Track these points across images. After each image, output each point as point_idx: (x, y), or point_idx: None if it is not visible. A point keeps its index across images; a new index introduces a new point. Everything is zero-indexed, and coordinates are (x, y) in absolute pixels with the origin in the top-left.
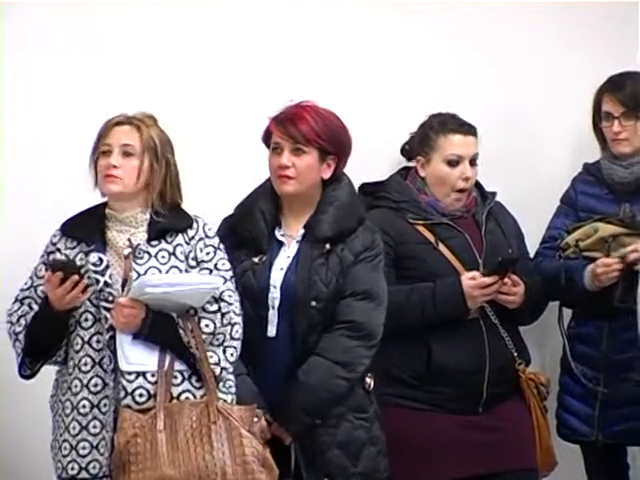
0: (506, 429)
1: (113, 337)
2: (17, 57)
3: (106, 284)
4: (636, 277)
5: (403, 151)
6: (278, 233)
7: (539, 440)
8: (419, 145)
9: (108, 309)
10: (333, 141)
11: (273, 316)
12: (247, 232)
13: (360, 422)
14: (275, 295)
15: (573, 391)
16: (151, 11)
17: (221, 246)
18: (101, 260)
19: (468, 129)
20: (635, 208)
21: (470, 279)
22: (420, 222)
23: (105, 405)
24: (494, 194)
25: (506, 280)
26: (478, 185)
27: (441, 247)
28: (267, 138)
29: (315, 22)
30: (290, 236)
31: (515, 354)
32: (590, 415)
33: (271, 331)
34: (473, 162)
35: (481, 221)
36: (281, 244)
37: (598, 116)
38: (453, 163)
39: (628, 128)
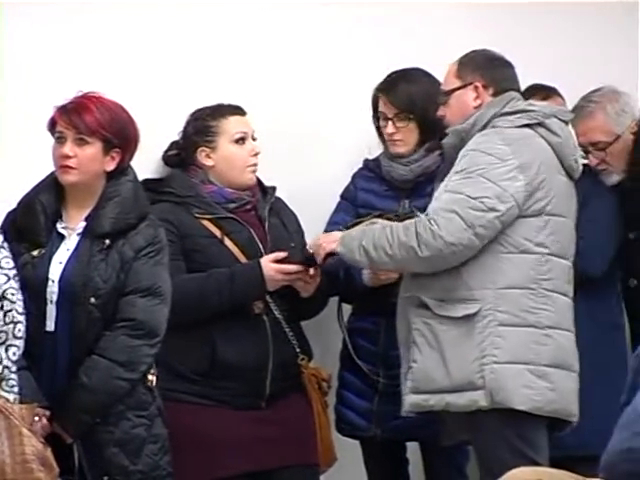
0: (288, 424)
1: None
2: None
3: None
4: None
5: (169, 158)
6: (59, 226)
7: (320, 435)
8: (198, 137)
9: None
10: (118, 133)
11: (51, 310)
12: (26, 225)
13: (140, 420)
14: (53, 289)
15: (352, 386)
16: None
17: (5, 245)
18: None
19: (241, 110)
20: (414, 204)
21: (273, 261)
22: (206, 217)
23: None
24: (274, 189)
25: (310, 271)
26: (258, 181)
27: (227, 242)
28: (52, 127)
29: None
30: (71, 229)
31: (298, 350)
32: (369, 410)
33: (50, 325)
34: (254, 138)
35: (264, 216)
36: (62, 237)
37: (376, 116)
38: (240, 141)
39: (402, 129)
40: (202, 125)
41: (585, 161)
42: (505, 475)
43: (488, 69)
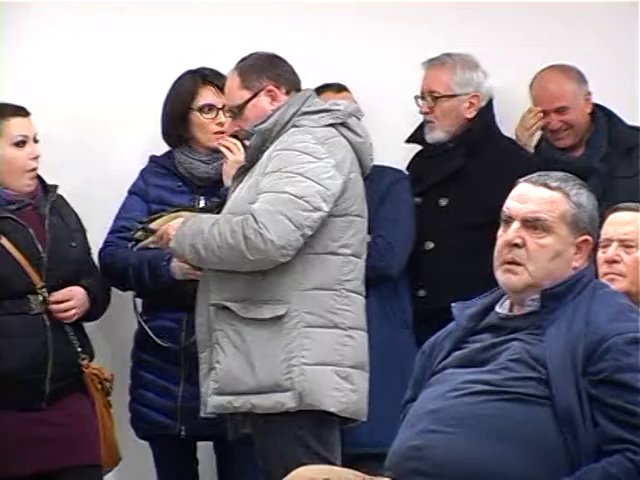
0: (71, 425)
1: None
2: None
3: None
4: None
5: None
6: None
7: (103, 435)
8: None
9: None
10: None
11: None
12: None
13: None
14: None
15: (152, 385)
16: None
17: None
18: None
19: (24, 111)
20: (209, 202)
21: None
22: None
23: None
24: (56, 187)
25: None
26: (39, 178)
27: (4, 242)
28: None
29: None
30: None
31: (79, 349)
32: (172, 408)
33: None
34: (36, 140)
35: (44, 215)
36: None
37: (188, 109)
38: (20, 144)
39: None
40: None
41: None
42: (290, 475)
43: (272, 70)
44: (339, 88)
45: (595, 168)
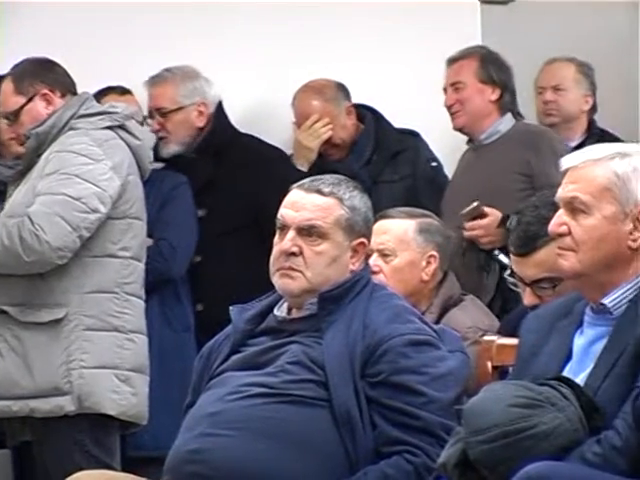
0: None
1: None
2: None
3: None
4: None
5: None
6: None
7: None
8: None
9: None
10: None
11: None
12: None
13: None
14: None
15: None
16: None
17: None
18: None
19: None
20: None
21: None
22: None
23: None
24: None
25: None
26: None
27: None
28: None
29: None
30: None
31: None
32: None
33: None
34: None
35: None
36: None
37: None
38: None
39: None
40: None
41: (156, 165)
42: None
43: (45, 74)
44: (122, 91)
45: (356, 173)
